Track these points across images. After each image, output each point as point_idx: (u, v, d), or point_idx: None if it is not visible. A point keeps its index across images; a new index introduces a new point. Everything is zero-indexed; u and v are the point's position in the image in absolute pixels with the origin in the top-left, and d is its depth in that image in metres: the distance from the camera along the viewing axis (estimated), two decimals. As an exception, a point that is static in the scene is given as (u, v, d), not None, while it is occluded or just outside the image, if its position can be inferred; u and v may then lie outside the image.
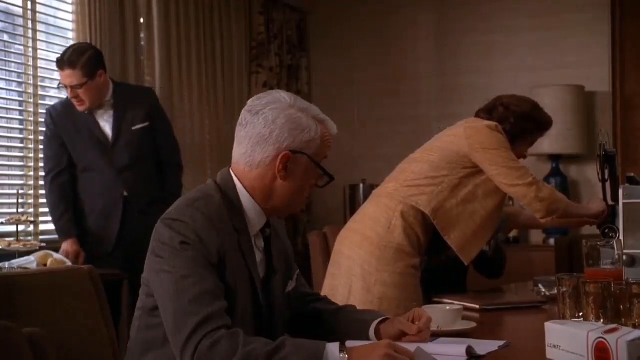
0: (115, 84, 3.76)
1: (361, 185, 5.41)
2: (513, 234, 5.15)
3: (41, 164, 3.90)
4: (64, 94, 4.08)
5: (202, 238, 1.72)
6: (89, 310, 2.04)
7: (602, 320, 1.82)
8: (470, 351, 1.79)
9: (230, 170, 1.87)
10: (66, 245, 3.61)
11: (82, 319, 2.01)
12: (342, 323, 1.97)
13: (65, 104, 3.72)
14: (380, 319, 1.94)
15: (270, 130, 1.79)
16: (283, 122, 1.79)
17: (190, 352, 1.62)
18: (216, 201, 1.81)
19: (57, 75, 4.11)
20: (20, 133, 3.93)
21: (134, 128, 3.71)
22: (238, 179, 1.85)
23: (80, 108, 3.62)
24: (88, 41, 3.98)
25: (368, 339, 1.90)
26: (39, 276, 2.06)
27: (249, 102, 1.87)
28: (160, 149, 3.83)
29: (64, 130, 3.68)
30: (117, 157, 3.68)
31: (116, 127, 3.68)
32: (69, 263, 3.36)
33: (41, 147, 3.92)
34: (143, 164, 3.73)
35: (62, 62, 3.55)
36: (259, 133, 1.80)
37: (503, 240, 3.31)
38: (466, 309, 2.40)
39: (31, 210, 3.89)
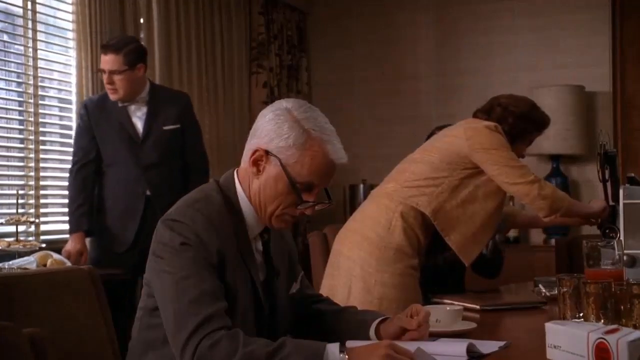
0: (152, 84, 3.81)
1: (361, 185, 5.41)
2: (513, 234, 5.15)
3: (42, 164, 3.92)
4: (63, 94, 4.09)
5: (202, 239, 1.72)
6: (89, 310, 2.04)
7: (602, 321, 1.82)
8: (471, 349, 1.79)
9: (235, 172, 1.88)
10: (70, 244, 3.61)
11: (82, 319, 2.01)
12: (342, 324, 1.97)
13: (101, 97, 3.75)
14: (380, 318, 1.94)
15: (258, 125, 1.82)
16: (268, 120, 1.80)
17: (190, 352, 1.62)
18: (217, 202, 1.81)
19: (57, 75, 4.13)
20: (20, 133, 3.93)
21: (165, 128, 3.72)
22: (240, 182, 1.86)
23: (113, 96, 3.64)
24: (87, 41, 3.99)
25: (368, 338, 1.90)
26: (38, 276, 2.06)
27: None
28: (188, 153, 3.82)
29: (96, 122, 3.69)
30: (145, 154, 3.68)
31: (147, 124, 3.70)
32: (68, 263, 3.35)
33: (42, 147, 3.94)
34: (169, 164, 3.73)
35: (107, 47, 3.62)
36: (253, 128, 1.84)
37: (502, 240, 3.31)
38: (466, 309, 2.40)
39: (31, 210, 3.88)
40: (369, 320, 1.94)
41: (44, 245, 3.50)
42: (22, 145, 3.93)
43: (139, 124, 3.71)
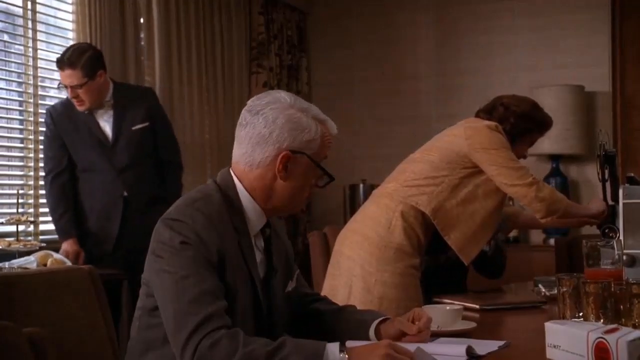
0: (115, 84, 3.76)
1: (361, 185, 5.41)
2: (513, 234, 5.15)
3: (41, 164, 3.89)
4: (64, 94, 4.09)
5: (202, 238, 1.72)
6: (89, 310, 2.04)
7: (602, 320, 1.82)
8: (470, 351, 1.79)
9: (230, 170, 1.87)
10: (66, 245, 3.61)
11: (82, 318, 2.01)
12: (342, 323, 1.97)
13: (65, 104, 3.71)
14: (380, 319, 1.94)
15: (270, 130, 1.79)
16: (283, 122, 1.79)
17: (190, 351, 1.62)
18: (216, 201, 1.81)
19: (57, 75, 4.10)
20: (20, 133, 3.93)
21: (133, 128, 3.70)
22: (238, 179, 1.85)
23: (80, 108, 3.62)
24: (88, 41, 3.98)
25: (368, 339, 1.90)
26: (39, 276, 2.06)
27: (249, 102, 1.87)
28: (160, 149, 3.81)
29: (64, 131, 3.67)
30: (117, 157, 3.67)
31: (116, 127, 3.68)
32: (68, 263, 3.36)
33: (41, 147, 3.92)
34: (143, 163, 3.73)
35: (62, 62, 3.55)
36: (259, 133, 1.80)
37: (503, 240, 3.31)
38: (466, 309, 2.40)
39: (31, 210, 3.88)
40: (369, 320, 1.94)
41: (44, 244, 3.50)
42: (22, 145, 3.93)
43: (108, 128, 3.68)
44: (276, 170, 1.81)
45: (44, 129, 3.96)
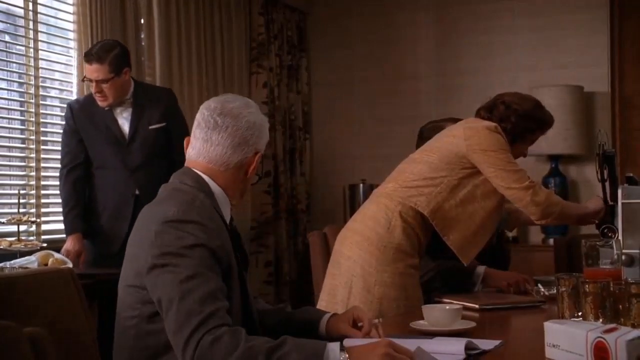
0: (136, 83, 3.78)
1: (361, 185, 5.41)
2: (512, 233, 5.15)
3: (43, 164, 3.92)
4: (64, 95, 4.10)
5: (211, 237, 1.76)
6: (72, 311, 2.00)
7: (601, 320, 1.83)
8: (470, 346, 1.80)
9: (196, 171, 1.91)
10: (69, 244, 3.61)
11: (67, 320, 1.99)
12: (286, 321, 2.04)
13: (85, 100, 3.73)
14: (329, 315, 2.01)
15: (252, 132, 1.90)
16: (260, 124, 1.93)
17: (192, 348, 1.63)
18: (206, 200, 1.84)
19: (57, 75, 4.14)
20: (22, 133, 3.94)
21: (150, 127, 3.71)
22: (210, 178, 1.90)
23: (102, 103, 3.63)
24: (88, 41, 3.99)
25: (318, 336, 1.95)
26: (21, 278, 2.02)
27: (216, 104, 1.93)
28: (174, 149, 3.80)
29: (82, 126, 3.68)
30: (131, 155, 3.68)
31: (133, 126, 3.69)
32: (69, 263, 3.36)
33: (43, 147, 3.94)
34: (156, 163, 3.72)
35: (91, 56, 3.57)
36: (242, 135, 1.89)
37: (506, 240, 3.30)
38: (466, 308, 2.41)
39: (33, 210, 3.89)
40: (315, 319, 2.01)
41: (45, 244, 3.51)
42: (23, 145, 3.94)
43: (125, 126, 3.70)
44: (250, 169, 1.92)
45: (45, 129, 3.98)
